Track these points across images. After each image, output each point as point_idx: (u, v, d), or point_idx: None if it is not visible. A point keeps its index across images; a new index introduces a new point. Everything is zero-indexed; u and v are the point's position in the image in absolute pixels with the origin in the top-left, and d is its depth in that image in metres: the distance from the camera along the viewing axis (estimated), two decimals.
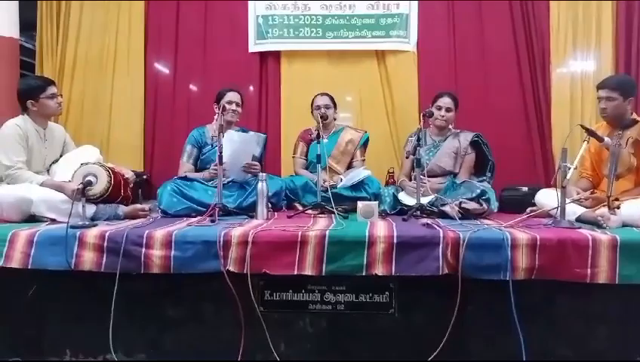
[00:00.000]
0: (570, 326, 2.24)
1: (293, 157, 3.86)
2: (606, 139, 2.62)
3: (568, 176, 2.43)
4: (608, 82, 2.88)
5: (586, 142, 2.60)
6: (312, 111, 3.76)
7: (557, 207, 2.50)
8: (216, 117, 3.29)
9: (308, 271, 2.19)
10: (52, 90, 2.99)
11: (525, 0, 4.32)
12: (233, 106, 3.42)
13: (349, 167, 3.70)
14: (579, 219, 2.58)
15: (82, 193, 2.59)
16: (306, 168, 3.75)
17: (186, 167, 3.41)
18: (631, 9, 4.25)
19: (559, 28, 4.36)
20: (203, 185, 3.16)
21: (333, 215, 2.82)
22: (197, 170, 3.44)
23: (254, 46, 4.50)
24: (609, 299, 2.21)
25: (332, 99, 3.76)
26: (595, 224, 2.46)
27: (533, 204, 2.91)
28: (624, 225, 2.45)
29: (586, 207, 2.70)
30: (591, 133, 2.60)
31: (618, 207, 2.51)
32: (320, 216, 2.92)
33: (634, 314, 2.22)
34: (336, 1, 4.45)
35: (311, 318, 2.30)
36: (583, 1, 4.33)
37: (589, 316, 2.24)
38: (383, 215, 2.90)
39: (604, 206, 2.56)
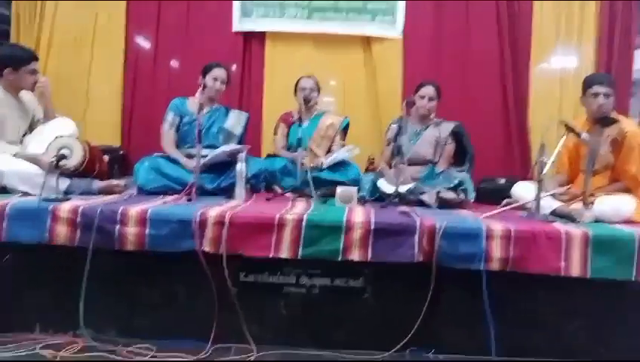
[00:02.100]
0: (542, 319, 2.28)
1: (273, 138, 3.84)
2: (584, 135, 2.66)
3: (545, 171, 2.46)
4: (605, 78, 2.91)
5: (564, 137, 2.64)
6: (295, 93, 3.73)
7: (533, 200, 2.53)
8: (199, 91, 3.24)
9: (284, 254, 2.19)
10: (35, 65, 2.90)
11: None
12: (218, 84, 3.38)
13: (329, 151, 3.69)
14: (554, 213, 2.62)
15: (56, 166, 2.54)
16: (287, 150, 3.73)
17: (169, 135, 3.35)
18: (614, 9, 4.29)
19: (542, 25, 4.39)
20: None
21: (311, 199, 2.81)
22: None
23: (238, 24, 4.42)
24: (582, 292, 2.25)
25: (317, 82, 3.74)
26: (570, 218, 2.51)
27: (510, 196, 2.94)
28: (597, 221, 2.49)
29: (562, 201, 2.74)
30: (570, 128, 2.63)
31: (592, 203, 2.55)
32: (298, 199, 2.91)
33: (605, 308, 2.27)
34: None
35: (285, 301, 2.30)
36: (567, 0, 4.36)
37: (561, 309, 2.27)
38: (362, 201, 2.90)
39: (578, 201, 2.60)
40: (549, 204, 2.66)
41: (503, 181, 3.44)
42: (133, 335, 2.28)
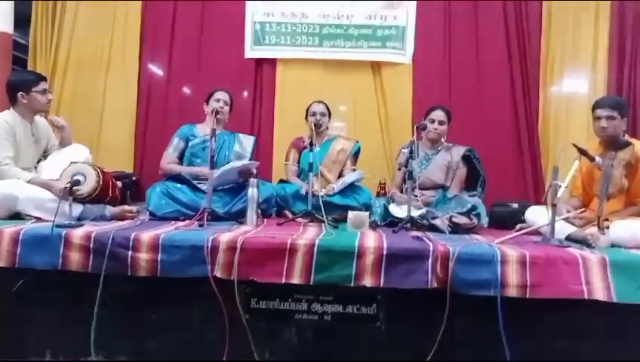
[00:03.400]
0: (559, 344, 2.22)
1: (285, 164, 3.85)
2: (597, 158, 2.63)
3: (559, 195, 2.44)
4: (608, 101, 2.90)
5: (577, 160, 2.62)
6: (306, 118, 3.76)
7: (547, 225, 2.50)
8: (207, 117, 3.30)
9: (296, 280, 2.17)
10: (44, 85, 2.96)
11: (520, 21, 4.37)
12: (220, 104, 3.44)
13: (340, 176, 3.70)
14: (568, 238, 2.58)
15: (70, 192, 2.56)
16: (298, 175, 3.74)
17: (169, 158, 3.43)
18: (625, 29, 4.30)
19: (551, 47, 4.41)
20: (193, 188, 3.12)
21: (323, 224, 2.80)
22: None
23: (250, 52, 4.50)
24: (598, 316, 2.20)
25: (327, 107, 3.77)
26: (585, 243, 2.47)
27: (523, 221, 2.91)
28: (612, 246, 2.45)
29: (576, 226, 2.70)
30: (583, 152, 2.61)
31: (607, 227, 2.51)
32: (310, 224, 2.90)
33: (621, 333, 2.21)
34: (333, 10, 4.45)
35: (297, 328, 2.27)
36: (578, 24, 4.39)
37: (578, 334, 2.22)
38: (373, 226, 2.88)
39: (593, 225, 2.57)
40: (563, 229, 2.62)
41: (515, 205, 3.39)
42: (143, 361, 2.26)
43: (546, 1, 4.43)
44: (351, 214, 2.80)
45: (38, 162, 3.03)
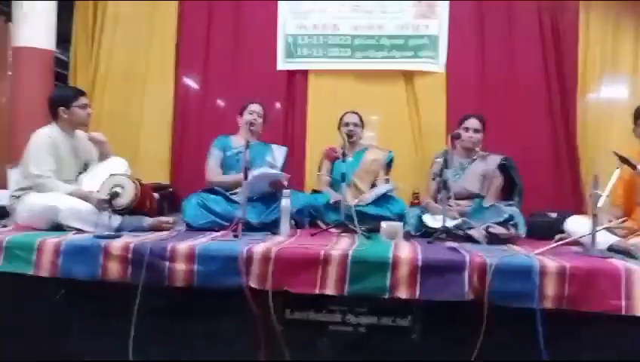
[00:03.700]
0: (599, 360, 2.15)
1: (317, 174, 3.86)
2: (639, 166, 2.55)
3: (600, 204, 2.37)
4: None
5: (618, 169, 2.54)
6: (339, 128, 3.76)
7: (588, 235, 2.43)
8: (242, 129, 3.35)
9: (330, 291, 2.17)
10: (84, 100, 3.06)
11: (556, 26, 4.28)
12: (254, 116, 3.52)
13: (373, 186, 3.68)
14: (610, 248, 2.50)
15: (109, 204, 2.63)
16: (331, 186, 3.74)
17: (215, 170, 3.49)
18: None
19: (588, 52, 4.31)
20: (227, 199, 3.16)
21: (356, 234, 2.79)
22: None
23: (283, 64, 4.54)
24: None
25: (361, 118, 3.76)
26: (628, 254, 2.38)
27: (562, 231, 2.83)
28: None
29: (619, 236, 2.61)
30: (624, 160, 2.53)
31: None
32: (343, 234, 2.89)
33: None
34: (365, 21, 4.46)
35: (331, 339, 2.26)
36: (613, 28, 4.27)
37: (619, 349, 2.14)
38: (407, 236, 2.85)
39: (637, 235, 2.48)
40: (605, 239, 2.54)
41: (554, 215, 3.31)
42: None
43: (583, 1, 4.32)
44: (384, 224, 2.78)
45: (79, 175, 3.12)
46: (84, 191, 2.84)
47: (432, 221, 2.96)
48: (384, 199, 3.38)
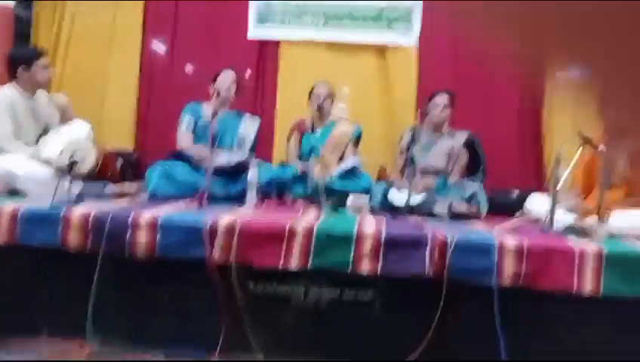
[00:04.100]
0: (555, 334, 2.23)
1: (286, 146, 3.83)
2: (601, 147, 2.62)
3: (560, 183, 2.43)
4: None
5: (580, 149, 2.60)
6: (309, 99, 3.72)
7: (547, 214, 2.49)
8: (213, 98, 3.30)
9: (294, 264, 2.18)
10: (45, 60, 2.94)
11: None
12: (227, 83, 3.42)
13: (341, 159, 3.68)
14: (568, 228, 2.58)
15: (70, 169, 2.56)
16: (299, 158, 3.72)
17: (186, 136, 3.40)
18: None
19: None
20: (193, 168, 3.11)
21: (322, 208, 2.79)
22: None
23: (254, 31, 4.44)
24: (595, 308, 2.20)
25: (331, 90, 3.73)
26: (584, 233, 2.46)
27: (523, 209, 2.90)
28: (612, 236, 2.45)
29: (576, 216, 2.69)
30: (587, 140, 2.59)
31: (608, 218, 2.51)
32: (309, 207, 2.90)
33: (619, 324, 2.22)
34: None
35: (294, 312, 2.28)
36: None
37: (574, 324, 2.23)
38: (373, 211, 2.88)
39: (594, 216, 2.56)
40: (563, 218, 2.62)
41: (516, 193, 3.39)
42: (142, 343, 2.28)
43: None
44: (351, 198, 2.79)
45: (39, 138, 3.02)
46: (44, 156, 2.76)
47: (397, 197, 2.98)
48: (351, 174, 3.38)
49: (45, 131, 3.07)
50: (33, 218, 2.26)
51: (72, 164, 2.58)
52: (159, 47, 4.55)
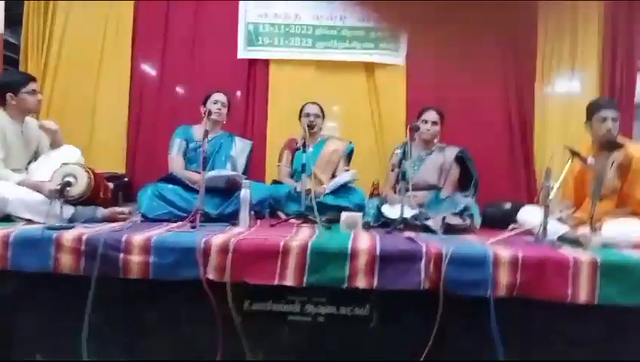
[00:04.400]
0: (551, 346, 2.23)
1: (278, 165, 3.84)
2: (589, 160, 2.65)
3: (551, 196, 2.45)
4: (613, 103, 2.91)
5: (570, 162, 2.63)
6: (299, 119, 3.75)
7: (540, 226, 2.51)
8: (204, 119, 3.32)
9: (289, 282, 2.16)
10: (33, 85, 2.93)
11: (514, 21, 4.36)
12: (218, 105, 3.45)
13: (333, 177, 3.69)
14: (561, 238, 2.59)
15: (61, 193, 2.54)
16: (291, 177, 3.74)
17: (177, 161, 3.40)
18: (616, 34, 4.33)
19: (546, 48, 4.43)
20: (185, 189, 3.10)
21: (316, 225, 2.79)
22: None
23: (243, 52, 4.48)
24: (591, 319, 2.21)
25: (321, 109, 3.76)
26: (577, 243, 2.48)
27: (516, 221, 2.92)
28: (604, 246, 2.46)
29: (569, 227, 2.71)
30: (575, 153, 2.62)
31: (600, 228, 2.53)
32: (303, 225, 2.90)
33: (615, 335, 2.22)
34: (327, 11, 4.45)
35: (290, 329, 2.27)
36: (571, 25, 4.40)
37: (570, 336, 2.23)
38: (367, 227, 2.88)
39: (586, 226, 2.58)
40: (555, 229, 2.63)
41: (508, 206, 3.40)
42: None
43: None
44: (344, 215, 2.79)
45: (29, 163, 3.01)
46: (35, 181, 2.74)
47: (391, 212, 3.00)
48: (344, 190, 3.40)
49: (35, 157, 3.06)
50: (25, 242, 2.23)
51: (62, 188, 2.57)
52: (149, 69, 4.57)
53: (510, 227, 2.78)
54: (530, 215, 2.86)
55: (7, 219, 2.60)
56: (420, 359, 2.11)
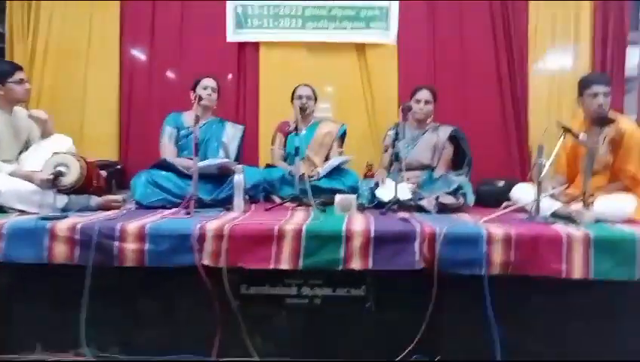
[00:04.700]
0: (545, 323, 2.26)
1: (271, 148, 3.83)
2: (581, 136, 2.65)
3: (544, 172, 2.46)
4: (605, 78, 2.90)
5: (562, 138, 2.63)
6: (292, 101, 3.73)
7: (532, 202, 2.52)
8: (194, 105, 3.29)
9: (284, 265, 2.18)
10: (20, 75, 2.89)
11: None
12: (208, 91, 3.42)
13: (327, 159, 3.68)
14: (554, 215, 2.61)
15: (53, 183, 2.53)
16: (284, 160, 3.73)
17: (169, 148, 3.36)
18: (607, 9, 4.31)
19: (537, 24, 4.40)
20: (179, 175, 3.09)
21: (310, 208, 2.80)
22: None
23: (232, 35, 4.43)
24: (584, 294, 2.23)
25: (314, 91, 3.74)
26: (570, 219, 2.50)
27: (509, 199, 2.93)
28: (597, 221, 2.48)
29: (562, 203, 2.73)
30: (567, 130, 2.62)
31: (592, 203, 2.54)
32: (298, 208, 2.90)
33: (608, 310, 2.25)
34: None
35: (287, 312, 2.28)
36: (562, 0, 4.37)
37: (564, 311, 2.26)
38: (361, 208, 2.88)
39: (578, 202, 2.60)
40: (548, 206, 2.65)
41: (501, 183, 3.41)
42: (136, 352, 2.27)
43: None
44: (338, 197, 2.80)
45: (20, 154, 2.98)
46: (26, 171, 2.72)
47: (385, 194, 2.99)
48: (338, 172, 3.40)
49: (26, 147, 3.03)
50: (18, 234, 2.22)
51: (55, 178, 2.55)
52: (138, 55, 4.52)
53: (503, 205, 2.79)
54: (523, 192, 2.87)
55: (0, 210, 2.59)
56: (416, 337, 2.14)
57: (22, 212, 2.57)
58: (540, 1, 4.38)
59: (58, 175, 2.59)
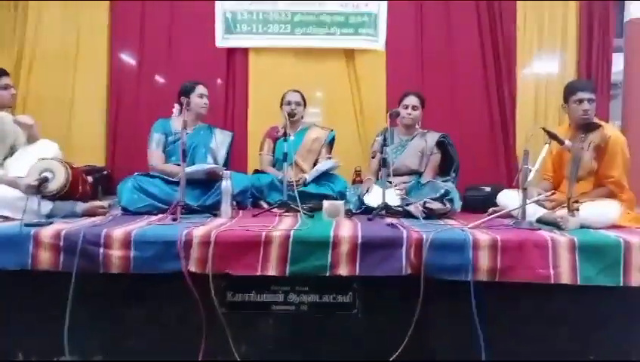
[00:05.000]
0: (531, 327, 2.27)
1: (259, 154, 3.82)
2: (567, 142, 2.67)
3: (529, 178, 2.48)
4: (590, 85, 2.93)
5: (547, 144, 2.65)
6: (281, 106, 3.72)
7: (518, 208, 2.54)
8: (174, 110, 3.26)
9: (271, 272, 2.17)
10: (5, 80, 2.87)
11: (492, 0, 4.38)
12: (205, 100, 3.38)
13: (315, 165, 3.68)
14: (539, 220, 2.63)
15: (38, 189, 2.50)
16: (273, 165, 3.72)
17: (156, 154, 3.32)
18: (591, 11, 4.36)
19: (525, 29, 4.45)
20: (165, 181, 3.07)
21: (298, 214, 2.79)
22: None
23: (222, 41, 4.43)
24: (570, 299, 2.26)
25: (303, 97, 3.74)
26: (555, 225, 2.51)
27: (496, 205, 2.95)
28: (582, 227, 2.50)
29: (547, 209, 2.74)
30: (552, 136, 2.64)
31: (577, 209, 2.56)
32: (285, 214, 2.89)
33: (591, 313, 2.27)
34: None
35: (274, 319, 2.28)
36: (550, 0, 4.42)
37: (549, 315, 2.28)
38: (349, 214, 2.88)
39: (563, 207, 2.61)
40: (534, 211, 2.66)
41: (488, 189, 3.43)
42: (120, 359, 2.24)
43: None
44: (326, 203, 2.79)
45: (5, 160, 2.95)
46: (11, 177, 2.69)
47: (373, 201, 2.99)
48: (326, 177, 3.40)
49: (11, 153, 3.00)
50: (2, 240, 2.20)
51: (40, 183, 2.53)
52: (126, 60, 4.50)
53: (490, 210, 2.81)
54: (509, 198, 2.89)
55: None
56: (403, 343, 2.14)
57: (6, 218, 2.54)
58: (527, 2, 4.42)
59: (43, 181, 2.56)
